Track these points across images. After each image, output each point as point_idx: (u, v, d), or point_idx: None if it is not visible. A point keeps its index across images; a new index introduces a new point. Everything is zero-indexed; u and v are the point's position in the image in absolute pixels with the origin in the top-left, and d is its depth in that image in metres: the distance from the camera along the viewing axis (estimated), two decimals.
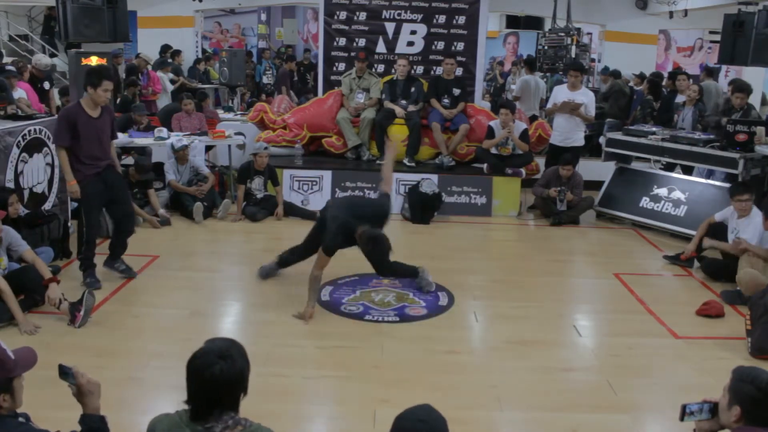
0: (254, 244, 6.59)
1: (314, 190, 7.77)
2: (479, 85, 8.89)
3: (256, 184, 7.37)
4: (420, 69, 8.57)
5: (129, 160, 7.48)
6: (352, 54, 8.52)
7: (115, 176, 5.30)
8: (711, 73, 10.75)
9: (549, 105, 8.21)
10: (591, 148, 9.08)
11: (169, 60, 11.68)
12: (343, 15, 8.56)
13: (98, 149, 5.08)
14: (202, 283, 5.43)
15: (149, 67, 11.03)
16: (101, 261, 5.37)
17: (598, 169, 8.22)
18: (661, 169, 8.12)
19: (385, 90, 8.24)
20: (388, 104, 8.14)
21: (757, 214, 5.52)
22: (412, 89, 8.19)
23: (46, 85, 8.69)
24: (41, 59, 9.08)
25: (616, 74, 11.13)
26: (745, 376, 2.31)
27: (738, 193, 5.64)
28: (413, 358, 4.23)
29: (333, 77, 8.67)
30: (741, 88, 7.39)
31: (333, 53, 8.69)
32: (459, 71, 8.44)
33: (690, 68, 12.83)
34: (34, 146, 5.84)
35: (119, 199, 5.30)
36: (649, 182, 7.48)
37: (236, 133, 8.46)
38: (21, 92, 7.67)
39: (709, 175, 7.39)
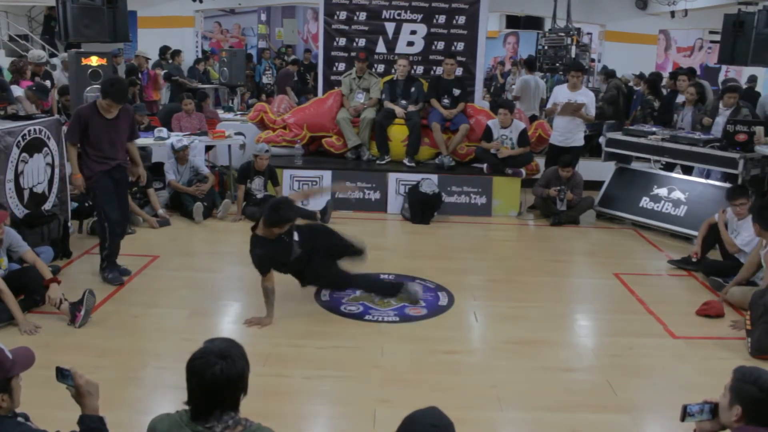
0: None
1: None
2: (479, 85, 8.89)
3: (256, 184, 7.37)
4: (420, 69, 8.57)
5: None
6: (352, 54, 8.52)
7: (123, 177, 5.37)
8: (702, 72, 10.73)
9: (549, 105, 8.21)
10: (591, 148, 9.08)
11: (170, 62, 11.67)
12: (343, 15, 8.55)
13: (109, 149, 5.18)
14: (202, 283, 5.43)
15: (149, 67, 11.02)
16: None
17: (598, 169, 8.22)
18: (660, 169, 8.12)
19: (385, 90, 8.23)
20: (388, 104, 8.14)
21: None
22: (412, 89, 8.18)
23: (48, 83, 8.68)
24: (34, 52, 9.15)
25: (610, 74, 10.79)
26: (747, 377, 2.31)
27: (734, 198, 5.65)
28: (413, 358, 4.22)
29: (333, 77, 8.67)
30: (732, 88, 7.55)
31: (333, 53, 8.68)
32: (459, 71, 8.44)
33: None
34: (34, 146, 5.83)
35: (120, 200, 5.35)
36: (649, 182, 7.48)
37: (236, 133, 8.47)
38: (20, 91, 7.65)
39: (708, 174, 7.39)
